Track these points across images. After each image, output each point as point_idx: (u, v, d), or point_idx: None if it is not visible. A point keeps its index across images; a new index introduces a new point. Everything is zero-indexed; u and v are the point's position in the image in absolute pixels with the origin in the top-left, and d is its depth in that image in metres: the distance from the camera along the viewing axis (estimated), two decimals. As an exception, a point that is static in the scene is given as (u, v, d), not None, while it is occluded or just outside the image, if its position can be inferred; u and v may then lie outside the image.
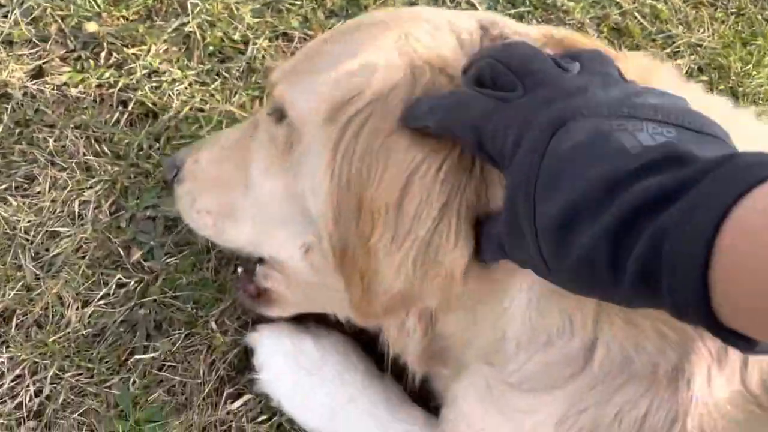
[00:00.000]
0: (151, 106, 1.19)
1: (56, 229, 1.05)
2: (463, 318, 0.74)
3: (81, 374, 0.96)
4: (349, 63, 0.71)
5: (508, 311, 0.69)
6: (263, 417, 0.95)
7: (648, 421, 0.64)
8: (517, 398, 0.70)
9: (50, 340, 0.97)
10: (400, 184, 0.65)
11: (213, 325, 1.00)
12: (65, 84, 1.18)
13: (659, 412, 0.64)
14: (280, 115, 0.78)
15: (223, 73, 1.26)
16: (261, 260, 0.92)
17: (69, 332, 0.98)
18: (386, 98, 0.67)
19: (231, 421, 0.95)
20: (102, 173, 1.10)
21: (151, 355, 0.98)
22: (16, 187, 1.08)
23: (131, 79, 1.21)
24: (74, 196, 1.07)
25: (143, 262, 1.03)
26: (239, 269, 0.97)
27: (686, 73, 1.39)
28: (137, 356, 0.97)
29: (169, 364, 0.98)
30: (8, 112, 1.14)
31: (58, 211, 1.06)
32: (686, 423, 0.63)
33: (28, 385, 0.95)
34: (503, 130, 0.58)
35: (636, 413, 0.64)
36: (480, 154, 0.62)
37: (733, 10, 1.44)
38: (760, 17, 1.43)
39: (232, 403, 0.96)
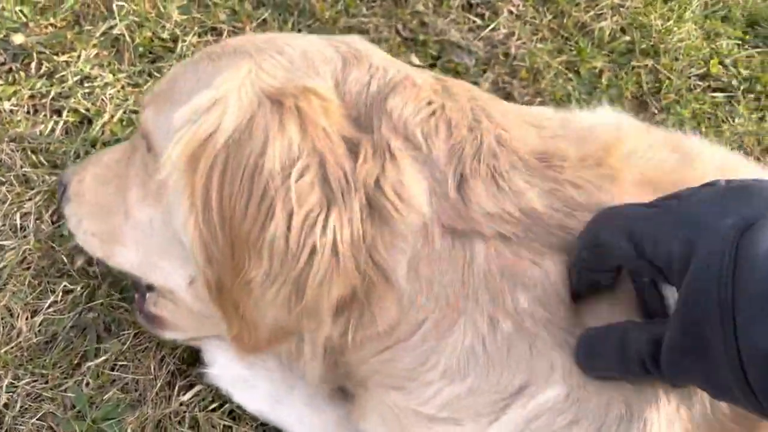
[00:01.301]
0: (85, 112, 1.20)
1: None
2: (377, 354, 0.71)
3: (36, 381, 0.99)
4: (203, 97, 0.68)
5: (440, 346, 0.67)
6: (215, 405, 0.99)
7: None
8: (431, 430, 0.69)
9: (2, 351, 0.99)
10: (264, 222, 0.65)
11: (160, 322, 1.03)
12: (-3, 98, 1.19)
13: None
14: (148, 143, 0.77)
15: (155, 72, 1.27)
16: (150, 287, 0.92)
17: (21, 342, 1.01)
18: (239, 138, 0.65)
19: (184, 412, 0.98)
20: (41, 184, 1.12)
21: (103, 357, 1.01)
22: (-42, 205, 1.09)
23: (63, 87, 1.22)
24: (15, 209, 1.09)
25: (87, 267, 1.06)
26: (136, 295, 0.98)
27: (609, 34, 1.43)
28: (89, 360, 1.01)
29: (120, 363, 1.01)
30: (-57, 131, 1.15)
31: None
32: None
33: (-15, 396, 0.98)
34: (666, 234, 0.52)
35: None
36: (638, 262, 0.56)
37: (650, -30, 1.46)
38: (675, -26, 1.46)
39: (184, 394, 1.00)
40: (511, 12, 1.45)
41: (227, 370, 0.95)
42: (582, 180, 0.66)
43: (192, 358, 1.01)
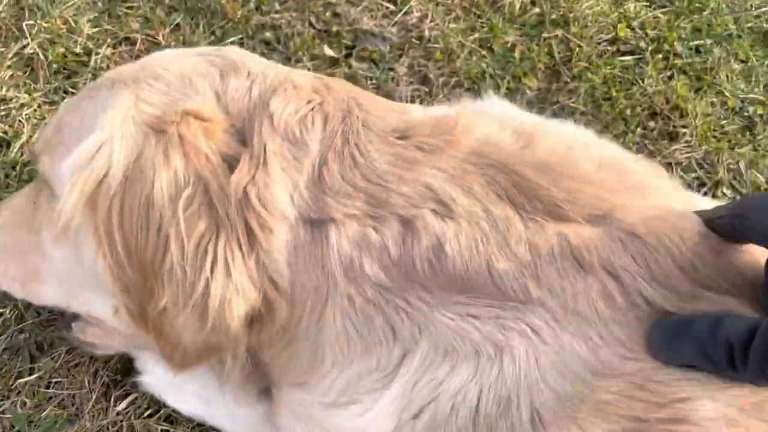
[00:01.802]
0: (2, 135, 1.21)
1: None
2: (281, 352, 0.75)
3: (-27, 405, 1.01)
4: (89, 141, 0.70)
5: (322, 336, 0.70)
6: (151, 411, 1.01)
7: (480, 411, 0.64)
8: (338, 416, 0.72)
9: (-63, 380, 1.01)
10: (163, 253, 0.68)
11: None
12: None
13: (488, 397, 0.64)
14: (50, 187, 0.79)
15: (70, 89, 1.27)
16: (76, 316, 0.95)
17: (-45, 369, 1.03)
18: (131, 175, 0.68)
19: (121, 421, 1.01)
20: (-37, 212, 1.13)
21: (37, 375, 1.03)
22: None
23: (-21, 113, 1.22)
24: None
25: (14, 290, 1.07)
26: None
27: (519, 8, 1.44)
28: (24, 378, 1.03)
29: (55, 380, 1.03)
30: None
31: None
32: (520, 406, 0.62)
33: (-75, 425, 1.00)
34: None
35: (469, 402, 0.64)
36: None
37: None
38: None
39: (120, 404, 1.02)
40: (422, -6, 1.46)
41: (159, 376, 0.98)
42: (426, 144, 0.70)
43: (125, 368, 1.04)
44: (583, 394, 0.60)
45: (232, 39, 1.35)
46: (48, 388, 1.03)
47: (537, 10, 1.45)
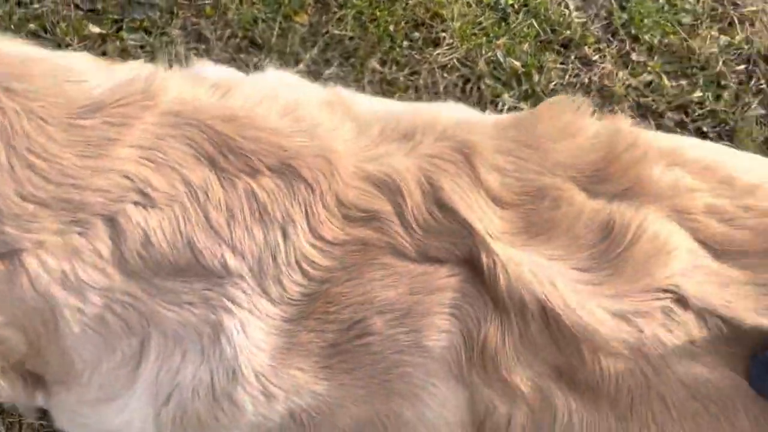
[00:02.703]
0: None
1: None
2: (40, 363, 0.73)
3: None
4: None
5: (66, 345, 0.68)
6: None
7: (216, 387, 0.67)
8: (104, 412, 0.73)
9: None
10: None
11: None
12: None
13: (219, 374, 0.67)
14: None
15: None
16: None
17: None
18: None
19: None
20: None
21: None
22: None
23: None
24: None
25: None
26: None
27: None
28: None
29: None
30: None
31: None
32: (245, 373, 0.66)
33: None
34: None
35: (206, 384, 0.67)
36: None
37: None
38: None
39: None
40: (183, -47, 1.47)
41: None
42: (116, 116, 0.66)
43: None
44: (289, 343, 0.66)
45: (-3, 38, 1.34)
46: None
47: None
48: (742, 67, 1.38)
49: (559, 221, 0.65)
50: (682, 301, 0.64)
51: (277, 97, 0.74)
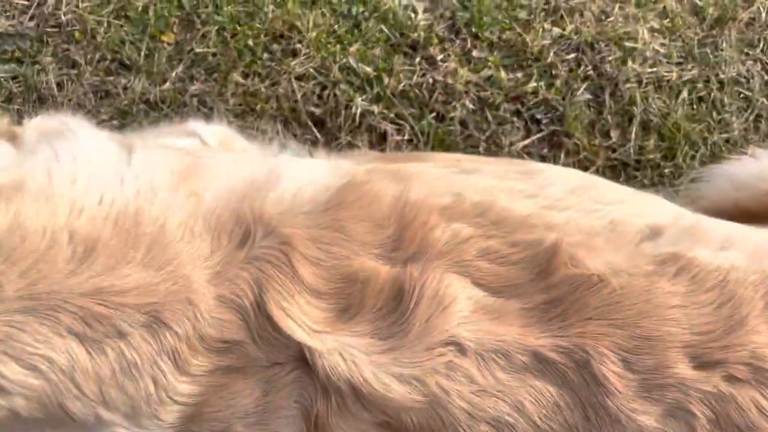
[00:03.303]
0: None
1: None
2: None
3: None
4: None
5: None
6: None
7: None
8: None
9: None
10: None
11: None
12: None
13: None
14: None
15: None
16: None
17: None
18: None
19: None
20: None
21: None
22: None
23: None
24: None
25: None
26: None
27: (142, -30, 1.55)
28: None
29: None
30: None
31: None
32: None
33: None
34: None
35: None
36: None
37: None
38: None
39: None
40: (50, -19, 1.54)
41: None
42: None
43: None
44: None
45: None
46: None
47: (158, -32, 1.56)
48: (572, 56, 1.52)
49: (366, 300, 0.76)
50: (461, 349, 0.74)
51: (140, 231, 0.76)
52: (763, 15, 1.56)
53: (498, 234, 0.79)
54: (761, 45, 1.55)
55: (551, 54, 1.51)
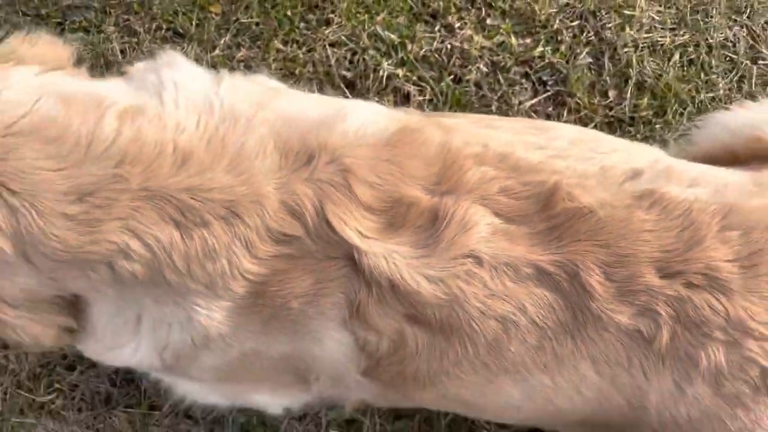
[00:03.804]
0: None
1: None
2: None
3: None
4: None
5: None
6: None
7: (196, 342, 1.00)
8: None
9: None
10: None
11: None
12: None
13: (196, 337, 0.99)
14: None
15: None
16: None
17: None
18: None
19: None
20: None
21: None
22: None
23: None
24: None
25: None
26: None
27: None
28: None
29: None
30: None
31: None
32: (212, 334, 0.96)
33: None
34: None
35: (188, 341, 0.99)
36: None
37: None
38: None
39: None
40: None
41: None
42: (101, 200, 0.90)
43: None
44: (240, 316, 0.97)
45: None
46: None
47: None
48: (576, 23, 1.69)
49: (409, 219, 0.94)
50: (478, 261, 0.94)
51: (225, 149, 0.94)
52: (750, -16, 1.72)
53: (514, 176, 0.97)
54: (748, 11, 1.71)
55: (557, 21, 1.68)
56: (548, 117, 1.63)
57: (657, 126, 1.62)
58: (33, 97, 0.91)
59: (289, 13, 1.67)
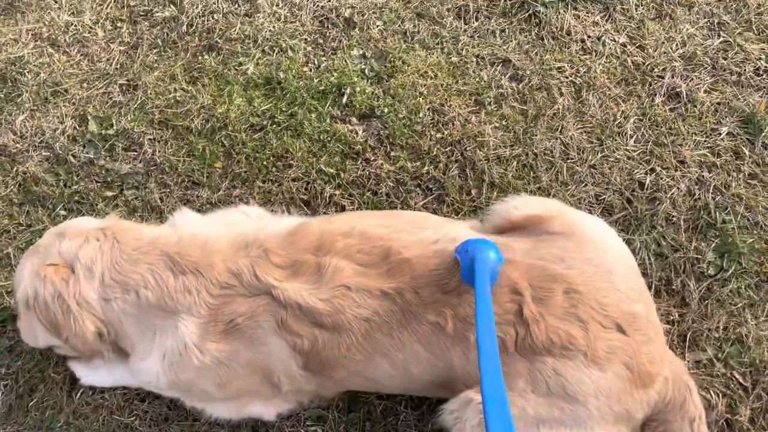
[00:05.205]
0: None
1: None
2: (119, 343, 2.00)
3: None
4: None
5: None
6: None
7: (179, 348, 1.87)
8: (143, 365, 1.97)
9: None
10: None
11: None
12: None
13: (179, 343, 1.87)
14: None
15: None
16: None
17: None
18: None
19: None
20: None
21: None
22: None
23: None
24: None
25: None
26: None
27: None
28: None
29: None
30: None
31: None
32: (188, 344, 1.85)
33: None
34: None
35: (177, 347, 1.86)
36: None
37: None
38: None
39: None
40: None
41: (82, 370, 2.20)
42: (132, 256, 1.91)
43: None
44: (205, 332, 1.86)
45: None
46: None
47: (208, 125, 2.68)
48: (448, 149, 2.58)
49: (304, 269, 1.77)
50: (348, 288, 1.78)
51: (203, 238, 1.92)
52: (561, 108, 2.61)
53: (367, 243, 1.81)
54: (560, 129, 2.59)
55: (436, 149, 2.58)
56: (434, 211, 2.48)
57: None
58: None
59: (265, 162, 2.59)
